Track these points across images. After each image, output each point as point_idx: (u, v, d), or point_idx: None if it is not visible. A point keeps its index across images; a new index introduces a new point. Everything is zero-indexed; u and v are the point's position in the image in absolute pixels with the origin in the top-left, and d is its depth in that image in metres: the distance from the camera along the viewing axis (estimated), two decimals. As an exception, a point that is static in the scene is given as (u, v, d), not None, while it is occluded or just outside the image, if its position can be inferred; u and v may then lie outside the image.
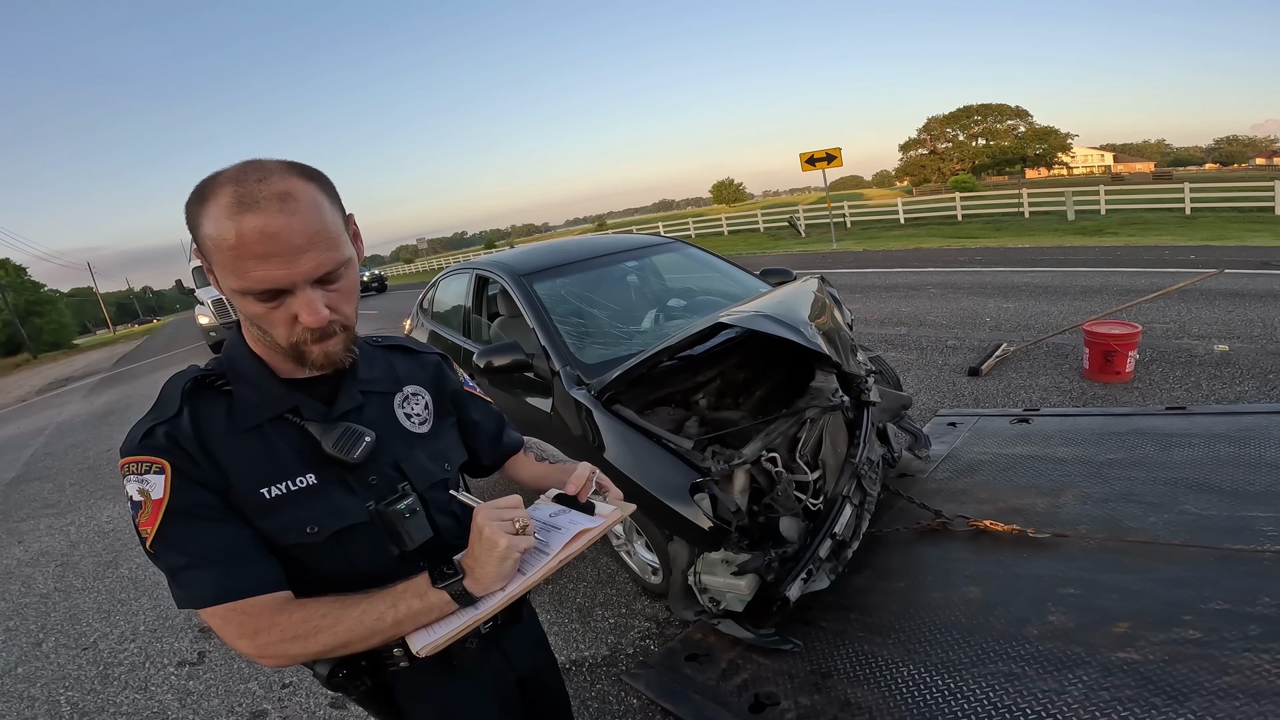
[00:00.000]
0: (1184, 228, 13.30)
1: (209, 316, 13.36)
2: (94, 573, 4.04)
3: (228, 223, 0.72)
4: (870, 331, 6.59)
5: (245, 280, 0.75)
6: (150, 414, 0.86)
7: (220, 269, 0.76)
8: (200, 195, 0.75)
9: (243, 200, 0.72)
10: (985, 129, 61.82)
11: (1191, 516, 2.20)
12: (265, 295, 0.77)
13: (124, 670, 2.93)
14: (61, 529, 5.01)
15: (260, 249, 0.73)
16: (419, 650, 0.83)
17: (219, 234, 0.73)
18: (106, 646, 3.16)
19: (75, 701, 2.76)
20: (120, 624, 3.34)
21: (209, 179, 0.75)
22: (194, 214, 0.76)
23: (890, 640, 1.98)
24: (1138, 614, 1.79)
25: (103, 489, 5.84)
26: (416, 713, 1.05)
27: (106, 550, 4.37)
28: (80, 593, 3.80)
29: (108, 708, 2.68)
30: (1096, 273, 8.19)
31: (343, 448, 0.89)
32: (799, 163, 16.77)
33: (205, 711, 2.54)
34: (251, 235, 0.72)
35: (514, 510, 0.86)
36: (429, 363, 1.13)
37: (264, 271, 0.74)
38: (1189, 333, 5.09)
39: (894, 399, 2.90)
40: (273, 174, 0.75)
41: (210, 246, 0.75)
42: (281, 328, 0.81)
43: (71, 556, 4.39)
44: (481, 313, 3.64)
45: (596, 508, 1.00)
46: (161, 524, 0.81)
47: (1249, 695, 1.43)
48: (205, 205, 0.74)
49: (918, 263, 11.37)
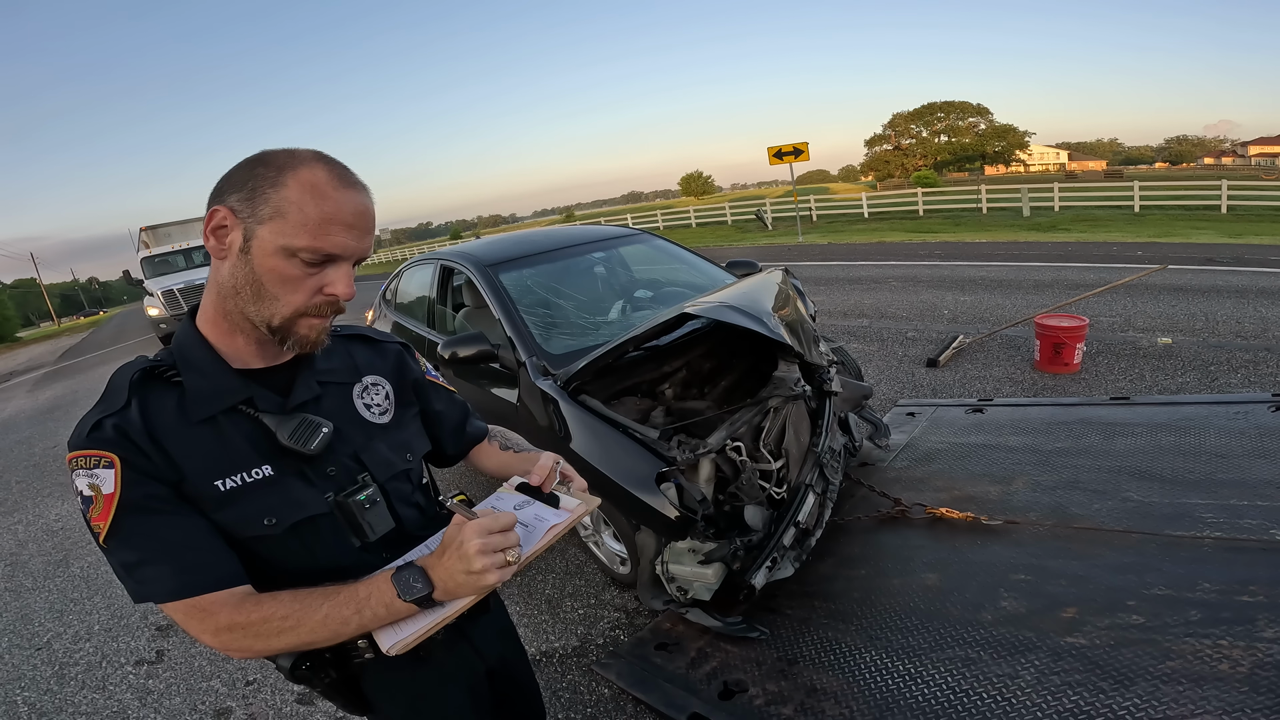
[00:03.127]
0: (1133, 225, 13.81)
1: (159, 308, 12.86)
2: (44, 572, 3.91)
3: (331, 191, 0.81)
4: (833, 323, 6.70)
5: (321, 240, 0.80)
6: (97, 406, 0.84)
7: (296, 225, 0.79)
8: (280, 163, 0.81)
9: (344, 178, 0.83)
10: (948, 126, 63.12)
11: (1134, 504, 2.29)
12: (318, 260, 0.82)
13: (80, 670, 2.85)
14: (9, 528, 4.81)
15: (349, 220, 0.82)
16: (388, 650, 0.82)
17: (316, 197, 0.80)
18: (61, 646, 3.07)
19: (32, 702, 2.68)
20: (74, 623, 3.24)
21: (285, 152, 0.82)
22: (267, 176, 0.80)
23: (853, 627, 2.02)
24: (1084, 599, 1.86)
25: (50, 486, 5.63)
26: (384, 704, 1.05)
27: (56, 549, 4.22)
28: (30, 592, 3.68)
29: (66, 708, 2.61)
30: (1049, 267, 8.47)
31: (299, 439, 0.88)
32: (767, 156, 16.88)
33: (167, 710, 2.49)
34: (349, 207, 0.82)
35: (507, 539, 0.83)
36: (390, 352, 1.11)
37: (343, 239, 0.82)
38: (1134, 326, 5.30)
39: (855, 389, 2.96)
40: (349, 168, 0.86)
41: (292, 205, 0.79)
42: (301, 295, 0.84)
43: (20, 555, 4.24)
44: (446, 303, 3.59)
45: (561, 500, 0.99)
46: (115, 518, 0.79)
47: (1191, 680, 1.49)
48: (296, 170, 0.80)
49: (880, 256, 11.58)
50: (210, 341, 0.89)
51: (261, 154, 0.83)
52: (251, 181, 0.80)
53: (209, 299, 0.89)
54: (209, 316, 0.89)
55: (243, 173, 0.82)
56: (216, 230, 0.82)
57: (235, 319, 0.87)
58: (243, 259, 0.82)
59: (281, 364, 0.93)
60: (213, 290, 0.87)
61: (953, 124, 63.01)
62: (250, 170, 0.81)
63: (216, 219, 0.82)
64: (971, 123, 62.97)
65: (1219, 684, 1.46)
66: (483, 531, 0.81)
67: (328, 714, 2.31)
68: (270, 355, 0.92)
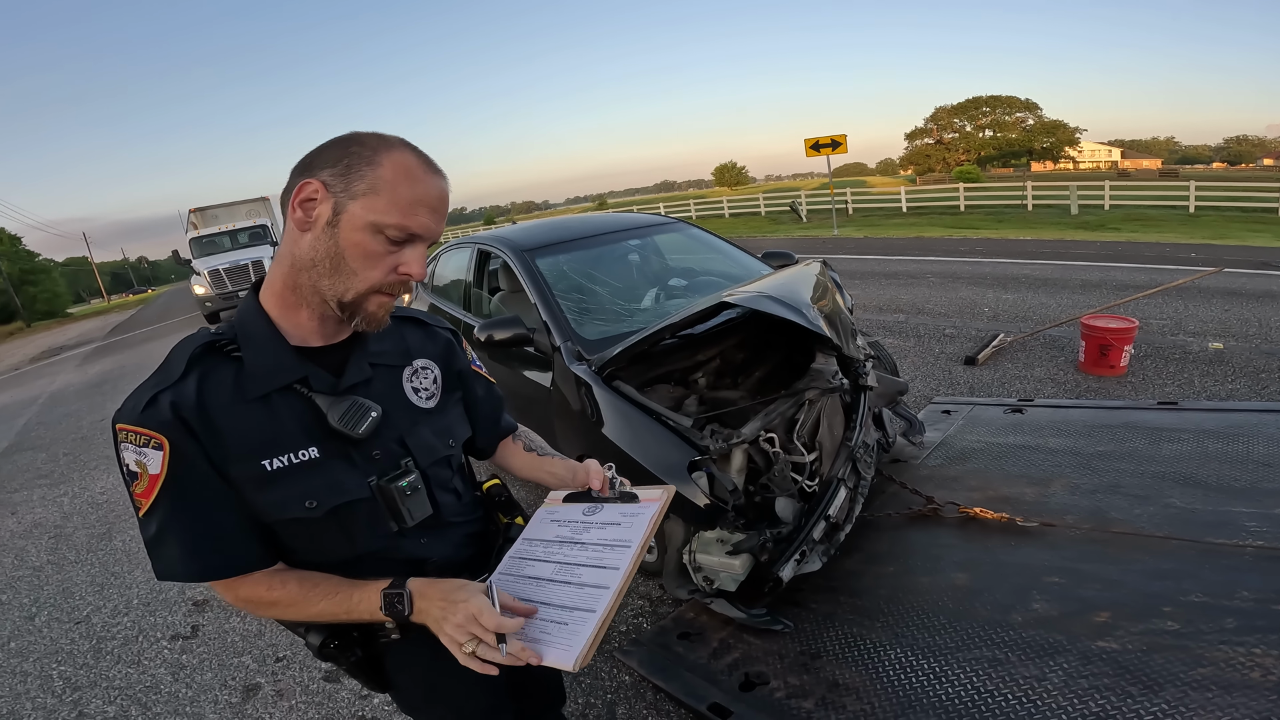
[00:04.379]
0: (1186, 225, 13.31)
1: (204, 287, 13.32)
2: (87, 545, 4.01)
3: (421, 175, 0.85)
4: (868, 318, 6.60)
5: (409, 220, 0.84)
6: (154, 378, 0.85)
7: (388, 203, 0.82)
8: (375, 144, 0.84)
9: (431, 165, 0.86)
10: (993, 120, 61.32)
11: (1176, 510, 2.23)
12: (401, 238, 0.85)
13: (117, 644, 2.91)
14: (55, 500, 4.96)
15: (435, 203, 0.86)
16: (574, 668, 0.78)
17: (409, 179, 0.83)
18: (100, 620, 3.14)
19: (68, 676, 2.74)
20: (114, 597, 3.32)
21: (376, 135, 0.86)
22: (363, 155, 0.83)
23: (878, 623, 2.00)
24: (1118, 604, 1.82)
25: (96, 459, 5.79)
26: (405, 683, 1.07)
27: (100, 522, 4.33)
28: (73, 565, 3.77)
29: (100, 682, 2.66)
30: (1096, 267, 8.20)
31: (348, 422, 0.89)
32: (803, 148, 16.63)
33: (198, 685, 2.54)
34: (434, 191, 0.86)
35: (485, 635, 0.81)
36: (440, 337, 1.12)
37: (426, 220, 0.85)
38: (1185, 330, 5.11)
39: (891, 384, 2.92)
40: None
41: (386, 184, 0.82)
42: (379, 271, 0.86)
43: (65, 528, 4.35)
44: (483, 287, 3.64)
45: (640, 494, 1.02)
46: (157, 498, 0.81)
47: (1221, 687, 1.46)
48: (390, 152, 0.83)
49: (918, 251, 11.36)
50: (272, 317, 0.90)
51: (353, 134, 0.86)
52: (346, 159, 0.82)
53: (277, 272, 0.89)
54: (275, 290, 0.90)
55: (336, 150, 0.84)
56: (305, 202, 0.83)
57: (304, 293, 0.87)
58: (328, 232, 0.83)
59: (336, 343, 0.94)
60: (285, 263, 0.88)
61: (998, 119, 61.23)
62: (345, 148, 0.83)
63: (307, 191, 0.83)
64: (1019, 118, 61.09)
65: (1248, 691, 1.43)
66: (470, 620, 0.82)
67: (353, 691, 2.34)
68: (328, 334, 0.93)
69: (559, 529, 1.01)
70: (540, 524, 1.05)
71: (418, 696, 1.11)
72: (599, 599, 0.83)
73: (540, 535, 1.02)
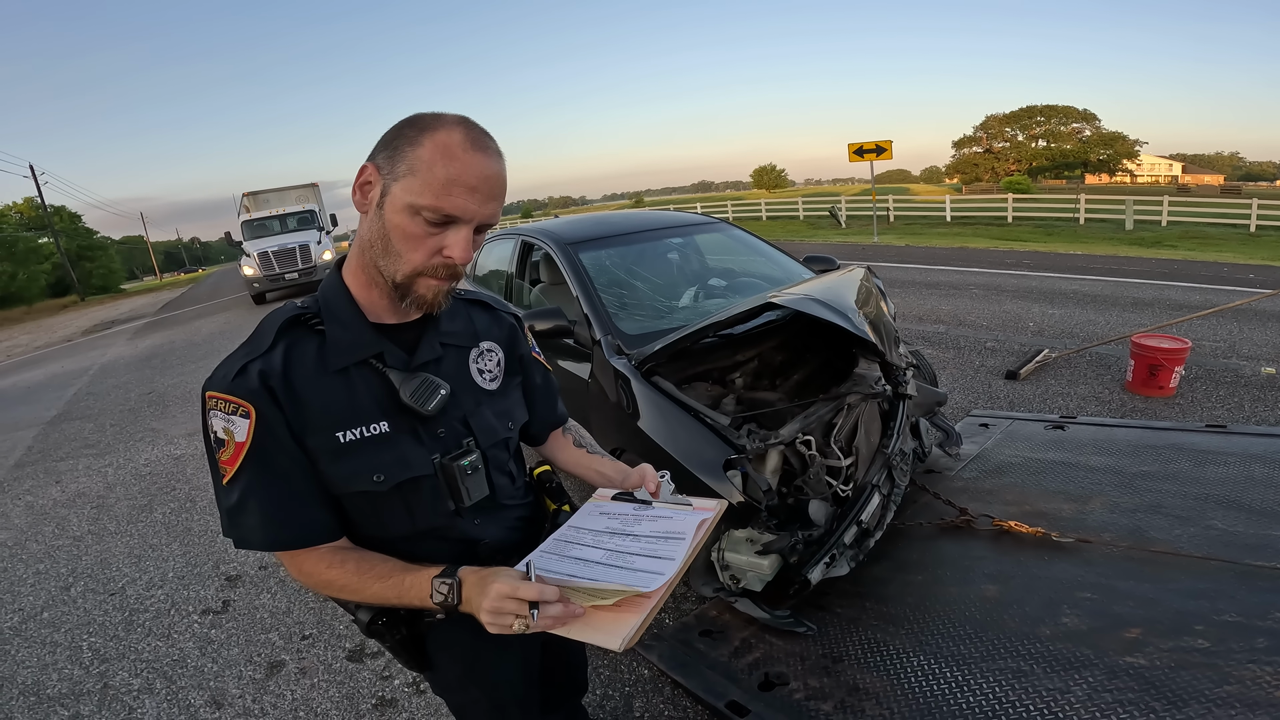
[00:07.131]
0: (1246, 245, 12.77)
1: (253, 268, 13.77)
2: (128, 516, 4.03)
3: (461, 153, 0.82)
4: (908, 327, 6.50)
5: (442, 201, 0.82)
6: (243, 348, 0.89)
7: (423, 184, 0.82)
8: (423, 124, 0.83)
9: (477, 142, 0.84)
10: (1047, 130, 59.60)
11: (1217, 532, 2.18)
12: (440, 220, 0.84)
13: (149, 617, 2.93)
14: (99, 470, 5.03)
15: (473, 183, 0.83)
16: (620, 648, 0.76)
17: (446, 157, 0.81)
18: (134, 592, 3.16)
19: (97, 648, 2.75)
20: (150, 570, 3.35)
21: (432, 115, 0.85)
22: (409, 135, 0.83)
23: (903, 630, 1.99)
24: (1150, 621, 1.79)
25: (142, 431, 5.85)
26: (444, 662, 1.09)
27: (142, 493, 4.37)
28: (113, 536, 3.79)
29: (128, 654, 2.68)
30: (1150, 285, 7.94)
31: (419, 398, 0.91)
32: (846, 153, 16.43)
33: (224, 660, 2.57)
34: (475, 170, 0.83)
35: (520, 607, 0.79)
36: (506, 322, 1.14)
37: (464, 201, 0.83)
38: (1238, 353, 4.94)
39: (929, 394, 2.90)
40: (489, 134, 0.87)
41: (423, 165, 0.82)
42: (420, 254, 0.86)
43: (107, 499, 4.38)
44: (524, 278, 3.70)
45: (694, 503, 1.02)
46: (241, 465, 0.85)
47: (1245, 705, 1.45)
48: (434, 132, 0.82)
49: (961, 262, 11.12)
50: (352, 293, 0.93)
51: (413, 116, 0.86)
52: (396, 140, 0.84)
53: (353, 251, 0.93)
54: (352, 268, 0.94)
55: (392, 132, 0.85)
56: (363, 185, 0.87)
57: (371, 272, 0.91)
58: (378, 214, 0.86)
59: (410, 321, 0.97)
60: (356, 243, 0.92)
61: (1053, 129, 59.47)
62: (399, 131, 0.85)
63: (364, 175, 0.87)
64: (1075, 128, 59.27)
65: (1272, 710, 1.42)
66: (502, 596, 0.79)
67: (375, 672, 2.38)
68: (402, 312, 0.95)
69: (609, 521, 1.01)
70: (589, 515, 1.05)
71: (453, 677, 1.13)
72: (652, 581, 0.82)
73: (589, 525, 1.01)
